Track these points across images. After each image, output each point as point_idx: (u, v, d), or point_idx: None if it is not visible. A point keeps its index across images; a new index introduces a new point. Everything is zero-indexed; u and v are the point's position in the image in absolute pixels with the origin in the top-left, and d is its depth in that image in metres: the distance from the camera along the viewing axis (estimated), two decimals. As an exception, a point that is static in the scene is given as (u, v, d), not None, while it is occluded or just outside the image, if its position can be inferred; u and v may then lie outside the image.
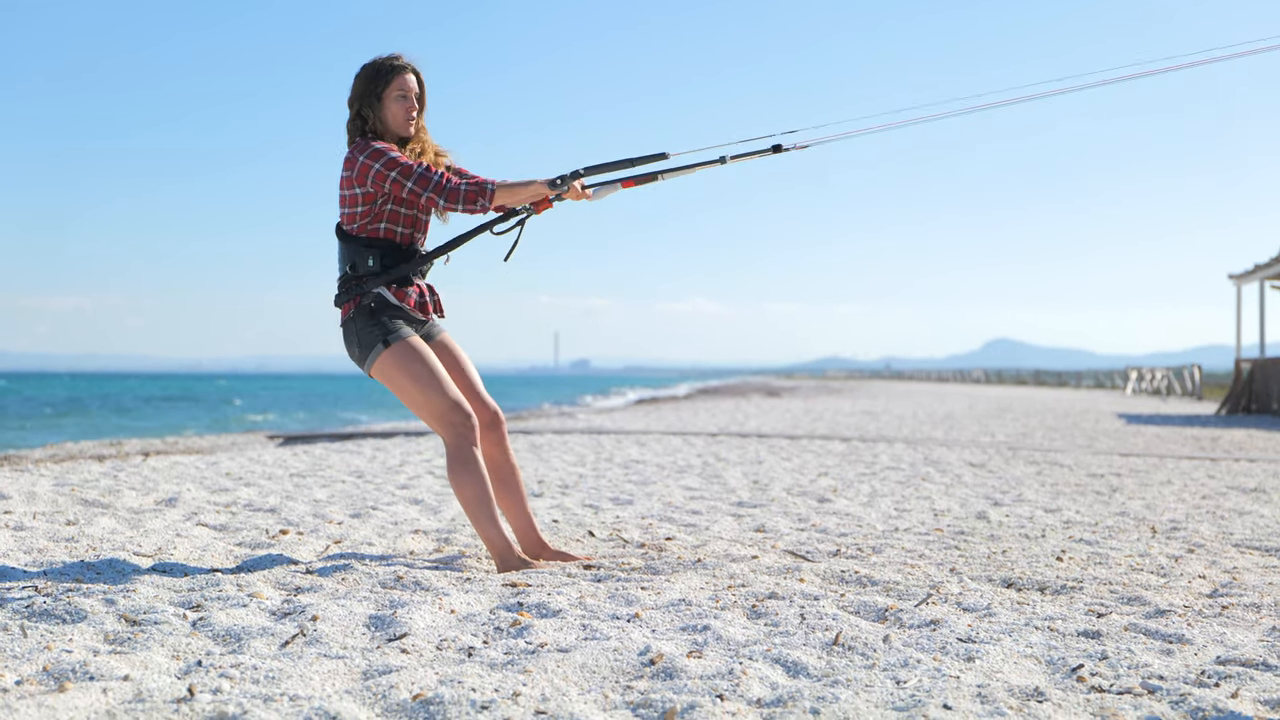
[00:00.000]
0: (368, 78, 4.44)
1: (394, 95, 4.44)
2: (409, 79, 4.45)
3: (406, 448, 11.63)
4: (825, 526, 5.86)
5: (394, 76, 4.43)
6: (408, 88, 4.44)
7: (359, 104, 4.46)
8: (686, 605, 3.72)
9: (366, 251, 4.42)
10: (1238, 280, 26.12)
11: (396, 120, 4.44)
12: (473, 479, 4.44)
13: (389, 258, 4.43)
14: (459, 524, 5.85)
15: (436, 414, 4.44)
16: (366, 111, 4.45)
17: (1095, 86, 4.70)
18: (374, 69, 4.44)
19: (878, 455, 10.86)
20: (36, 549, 4.76)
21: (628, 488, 7.73)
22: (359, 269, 4.43)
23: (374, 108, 4.45)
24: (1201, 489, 7.97)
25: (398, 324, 4.45)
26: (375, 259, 4.41)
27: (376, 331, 4.42)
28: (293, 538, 5.27)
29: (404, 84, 4.44)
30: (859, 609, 3.72)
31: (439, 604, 3.66)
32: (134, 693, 2.65)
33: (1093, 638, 3.37)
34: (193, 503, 6.54)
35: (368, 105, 4.45)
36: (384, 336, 4.42)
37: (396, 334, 4.43)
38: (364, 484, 7.85)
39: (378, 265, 4.41)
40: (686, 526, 5.81)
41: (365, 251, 4.42)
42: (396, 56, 4.46)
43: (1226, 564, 4.76)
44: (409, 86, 4.45)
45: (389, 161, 4.32)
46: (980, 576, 4.38)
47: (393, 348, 4.41)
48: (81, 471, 8.46)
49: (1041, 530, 5.74)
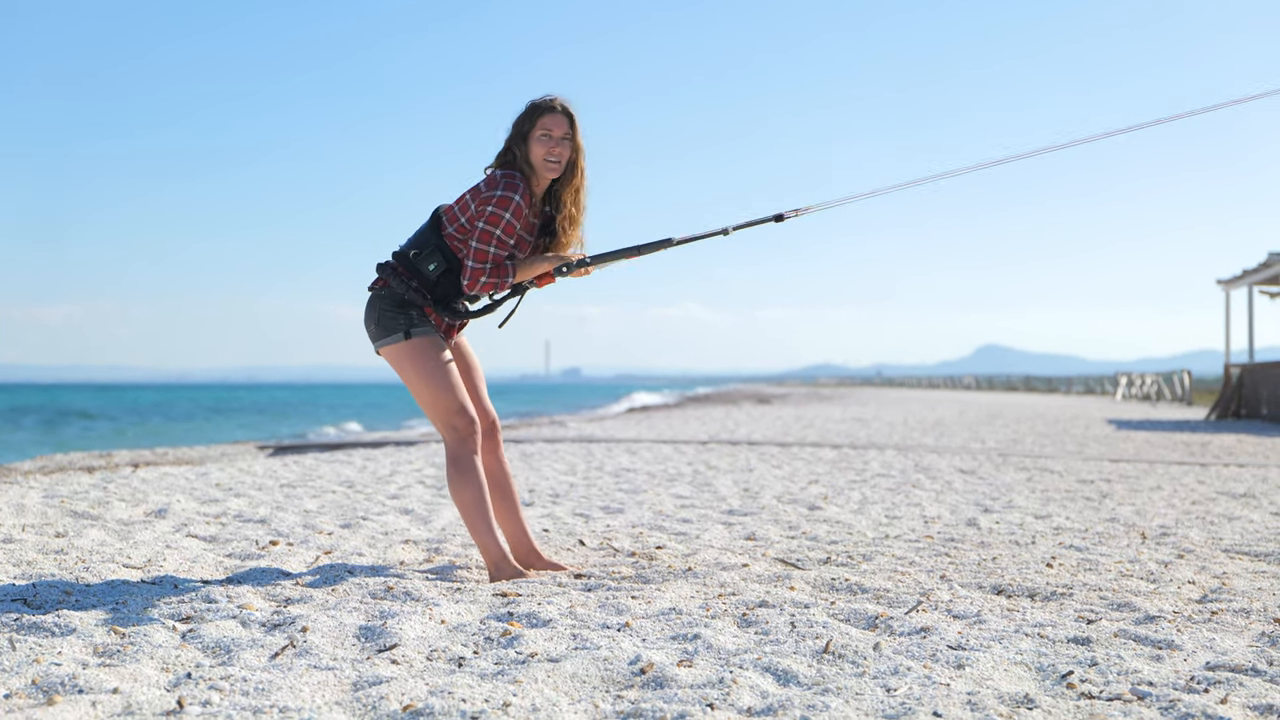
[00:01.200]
0: (521, 115, 4.42)
1: (538, 134, 4.38)
2: (554, 119, 4.38)
3: (397, 457, 11.61)
4: (816, 534, 5.86)
5: (540, 116, 4.39)
6: (552, 128, 4.38)
7: (511, 140, 4.44)
8: (677, 614, 3.72)
9: (438, 255, 4.41)
10: (1226, 285, 26.21)
11: (537, 159, 4.39)
12: (471, 485, 4.45)
13: (451, 273, 4.43)
14: (449, 534, 5.85)
15: (443, 415, 4.46)
16: (516, 149, 4.42)
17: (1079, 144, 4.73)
18: (527, 107, 4.41)
19: (868, 462, 10.87)
20: (25, 561, 4.74)
21: (618, 496, 7.73)
22: (421, 266, 4.42)
23: (520, 146, 4.42)
24: (1191, 494, 7.99)
25: (425, 320, 4.47)
26: (436, 262, 4.40)
27: (401, 320, 4.43)
28: (283, 548, 5.27)
29: (549, 124, 4.38)
30: (849, 617, 3.72)
31: (429, 614, 3.65)
32: (123, 705, 2.65)
33: (1082, 644, 3.37)
34: (182, 514, 6.52)
35: (517, 142, 4.42)
36: (408, 327, 4.42)
37: (420, 329, 4.44)
38: (354, 494, 7.84)
39: (438, 269, 4.40)
40: (677, 535, 5.81)
41: (437, 254, 4.41)
42: (551, 97, 4.42)
43: (1216, 569, 4.77)
44: (553, 127, 4.38)
45: (493, 218, 4.30)
46: (970, 583, 4.38)
47: (414, 340, 4.42)
48: (71, 483, 8.43)
49: (1032, 537, 5.75)
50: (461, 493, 4.46)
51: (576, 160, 4.45)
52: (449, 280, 4.45)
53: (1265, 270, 23.48)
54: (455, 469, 4.47)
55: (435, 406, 4.46)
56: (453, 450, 4.48)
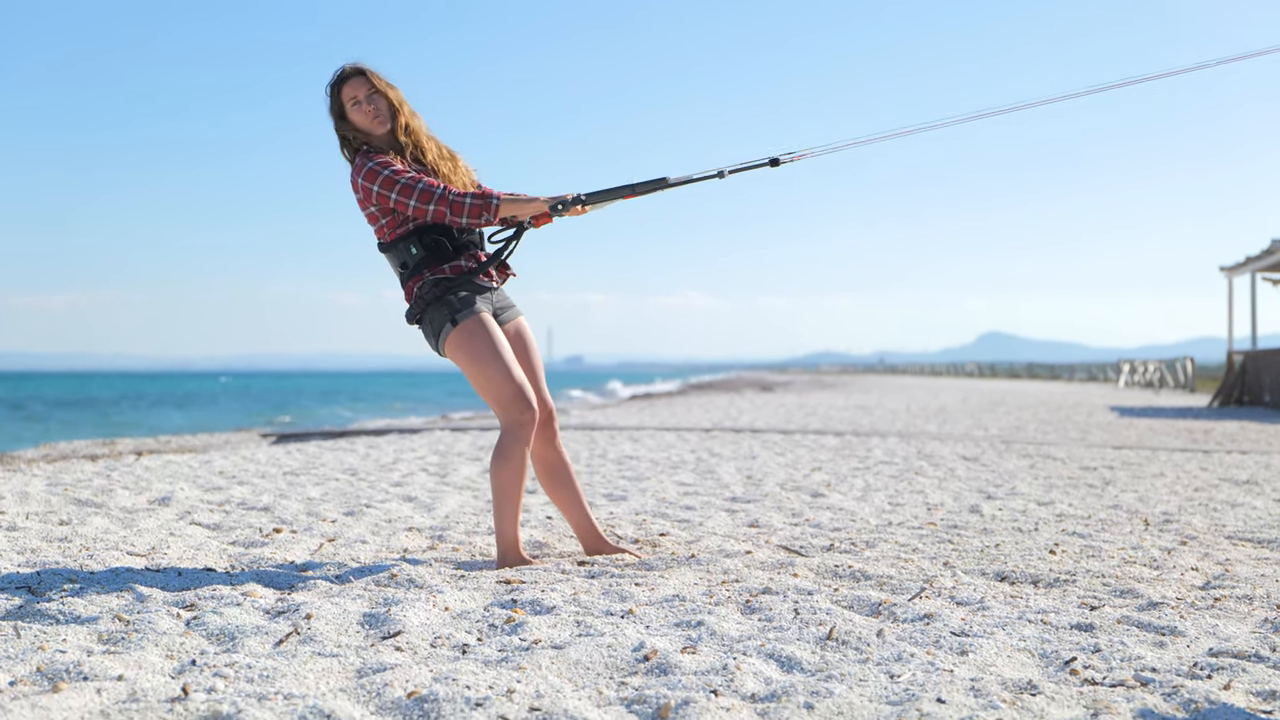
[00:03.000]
0: (329, 102, 4.45)
1: (350, 107, 4.41)
2: (352, 85, 4.40)
3: (400, 445, 11.62)
4: (819, 521, 5.87)
5: (339, 91, 4.41)
6: (355, 93, 4.39)
7: (336, 126, 4.47)
8: (680, 601, 3.73)
9: (407, 245, 4.39)
10: (1229, 272, 26.17)
11: (363, 123, 4.41)
12: (511, 471, 4.39)
13: (429, 236, 4.39)
14: (453, 521, 5.85)
15: (497, 398, 4.39)
16: (343, 133, 4.45)
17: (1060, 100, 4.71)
18: (327, 91, 4.43)
19: (871, 450, 10.87)
20: (30, 549, 4.75)
21: (621, 483, 7.73)
22: (408, 264, 4.41)
23: (344, 127, 4.44)
24: (1194, 481, 7.99)
25: (466, 299, 4.40)
26: (416, 245, 4.38)
27: (444, 311, 4.38)
28: (286, 536, 5.27)
29: (350, 92, 4.40)
30: (853, 603, 3.73)
31: (433, 601, 3.66)
32: (128, 692, 2.65)
33: (1086, 630, 3.38)
34: (186, 502, 6.53)
35: (339, 129, 4.46)
36: (451, 315, 4.37)
37: (464, 310, 4.38)
38: (357, 482, 7.85)
39: (422, 251, 4.39)
40: (680, 522, 5.81)
41: (406, 245, 4.39)
42: (337, 70, 4.44)
43: (1219, 556, 4.77)
44: (356, 92, 4.39)
45: (386, 181, 4.29)
46: (974, 570, 4.38)
47: (460, 325, 4.37)
48: (74, 471, 8.45)
49: (1034, 523, 5.75)
50: (499, 476, 4.41)
51: (390, 103, 4.44)
52: (441, 244, 4.39)
53: (1268, 257, 23.44)
54: (501, 454, 4.40)
55: (490, 388, 4.38)
56: (504, 434, 4.41)
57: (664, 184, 4.50)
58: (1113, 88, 4.62)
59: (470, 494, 7.10)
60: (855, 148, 4.63)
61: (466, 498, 6.89)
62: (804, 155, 4.58)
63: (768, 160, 4.56)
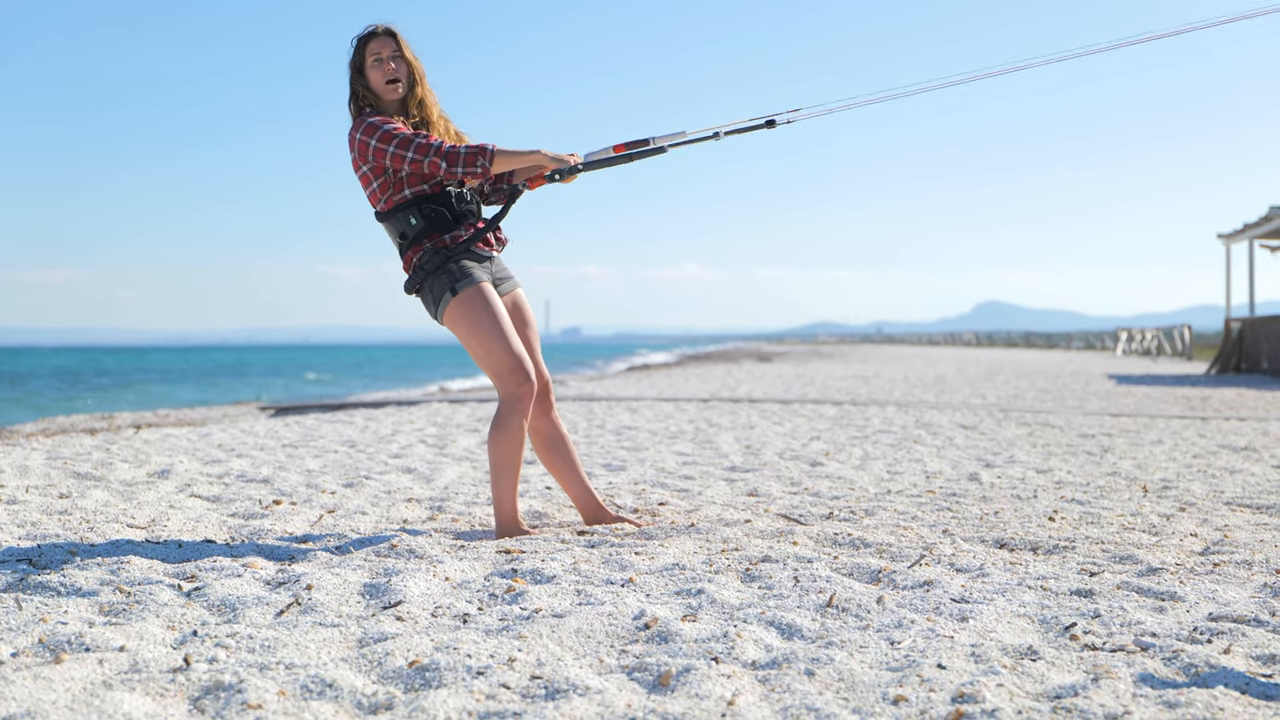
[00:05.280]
0: (352, 52, 4.44)
1: (370, 63, 4.40)
2: (380, 42, 4.39)
3: (398, 417, 11.62)
4: (818, 490, 5.87)
5: (366, 44, 4.40)
6: (380, 51, 4.39)
7: (349, 82, 4.45)
8: (680, 570, 3.73)
9: (406, 215, 4.37)
10: (1227, 240, 26.14)
11: (379, 87, 4.40)
12: (509, 443, 4.39)
13: (428, 206, 4.37)
14: (452, 492, 5.86)
15: (495, 369, 4.39)
16: (356, 87, 4.44)
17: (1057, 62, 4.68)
18: (354, 42, 4.43)
19: (869, 419, 10.88)
20: (30, 522, 4.75)
21: (620, 454, 7.74)
22: (407, 234, 4.39)
23: (360, 82, 4.43)
24: (1192, 448, 8.00)
25: (465, 268, 4.39)
26: (416, 216, 4.37)
27: (444, 280, 4.37)
28: (286, 508, 5.27)
29: (376, 48, 4.39)
30: (852, 571, 3.73)
31: (433, 572, 3.66)
32: (130, 663, 2.66)
33: (1085, 596, 3.38)
34: (185, 474, 6.53)
35: (355, 81, 4.43)
36: (451, 284, 4.36)
37: (464, 280, 4.36)
38: (356, 454, 7.85)
39: (422, 221, 4.37)
40: (679, 492, 5.82)
41: (405, 215, 4.37)
42: (371, 25, 4.43)
43: (1218, 522, 4.78)
44: (381, 49, 4.39)
45: (384, 135, 4.28)
46: (973, 538, 4.39)
47: (460, 295, 4.36)
48: (73, 445, 8.45)
49: (1033, 491, 5.76)
50: (497, 448, 4.41)
51: (413, 72, 4.44)
52: (440, 215, 4.38)
53: (1266, 224, 23.41)
54: (498, 425, 4.41)
55: (489, 359, 4.38)
56: (502, 405, 4.41)
57: (660, 150, 4.49)
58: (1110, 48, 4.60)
59: (469, 465, 7.10)
60: (854, 110, 4.62)
61: (465, 469, 6.89)
62: (800, 114, 4.56)
63: (764, 121, 4.54)
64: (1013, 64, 4.70)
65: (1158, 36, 4.54)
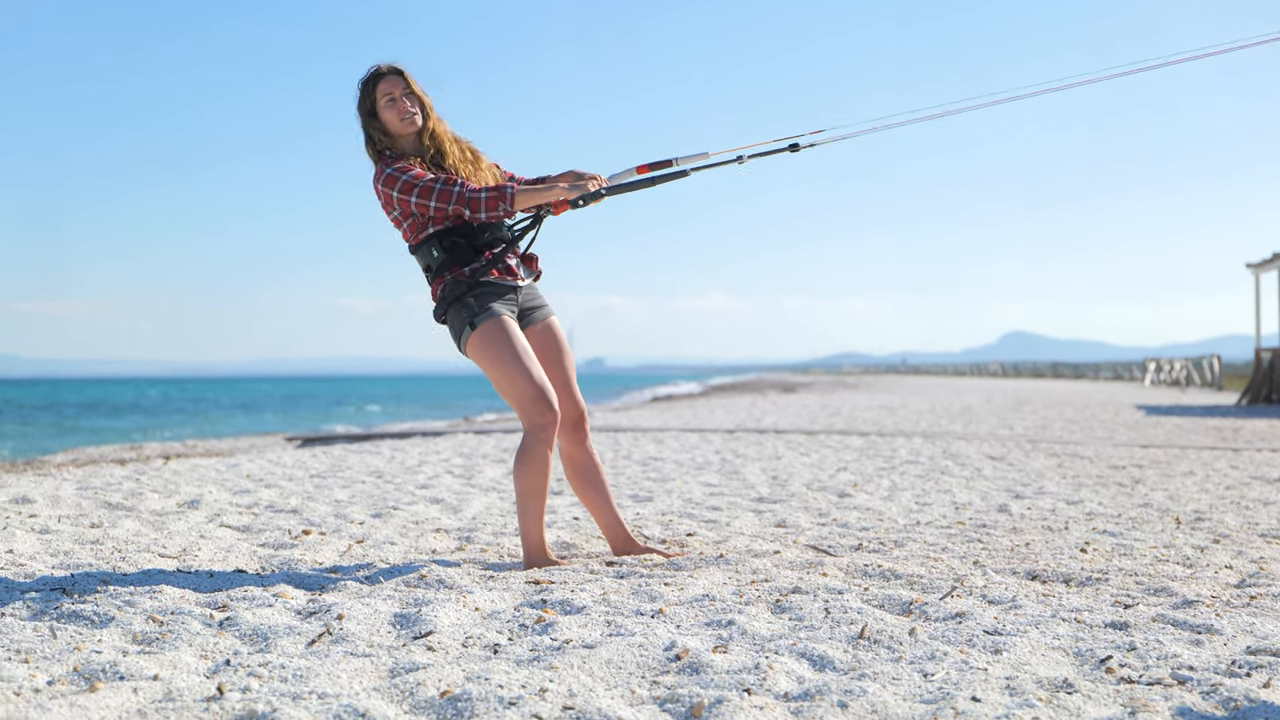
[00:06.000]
0: (358, 100, 4.47)
1: (383, 104, 4.42)
2: (389, 82, 4.42)
3: (424, 448, 11.65)
4: (846, 521, 5.85)
5: (375, 86, 4.43)
6: (391, 90, 4.41)
7: (363, 126, 4.48)
8: (710, 600, 3.72)
9: (429, 247, 4.43)
10: (1256, 269, 25.98)
11: (394, 126, 4.43)
12: (534, 473, 4.39)
13: (448, 239, 4.41)
14: (480, 523, 5.86)
15: (517, 400, 4.39)
16: (370, 131, 4.47)
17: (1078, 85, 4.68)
18: (359, 88, 4.46)
19: (896, 449, 10.83)
20: (63, 551, 4.78)
21: (647, 484, 7.73)
22: (431, 266, 4.45)
23: (373, 125, 4.46)
24: (1224, 479, 7.94)
25: (484, 302, 4.41)
26: (437, 248, 4.41)
27: (464, 314, 4.41)
28: (315, 538, 5.29)
29: (386, 89, 4.42)
30: (883, 602, 3.71)
31: (463, 602, 3.66)
32: (164, 692, 2.66)
33: (1120, 629, 3.35)
34: (215, 504, 6.56)
35: (368, 124, 4.47)
36: (470, 318, 4.39)
37: (483, 314, 4.39)
38: (384, 484, 7.87)
39: (443, 253, 4.41)
40: (707, 522, 5.81)
41: (428, 248, 4.43)
42: (374, 66, 4.47)
43: (1253, 554, 4.73)
44: (392, 89, 4.41)
45: (404, 185, 4.32)
46: (1004, 569, 4.36)
47: (479, 329, 4.39)
48: (104, 475, 8.50)
49: (1064, 522, 5.72)
50: (522, 479, 4.41)
51: (423, 106, 4.47)
52: (460, 246, 4.41)
53: (1296, 254, 23.25)
54: (523, 455, 4.41)
55: (510, 390, 4.39)
56: (526, 435, 4.41)
57: (683, 173, 4.49)
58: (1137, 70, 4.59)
59: (496, 495, 7.11)
60: (878, 137, 4.63)
61: (493, 499, 6.90)
62: (823, 136, 4.55)
63: (787, 144, 4.55)
64: (1034, 87, 4.70)
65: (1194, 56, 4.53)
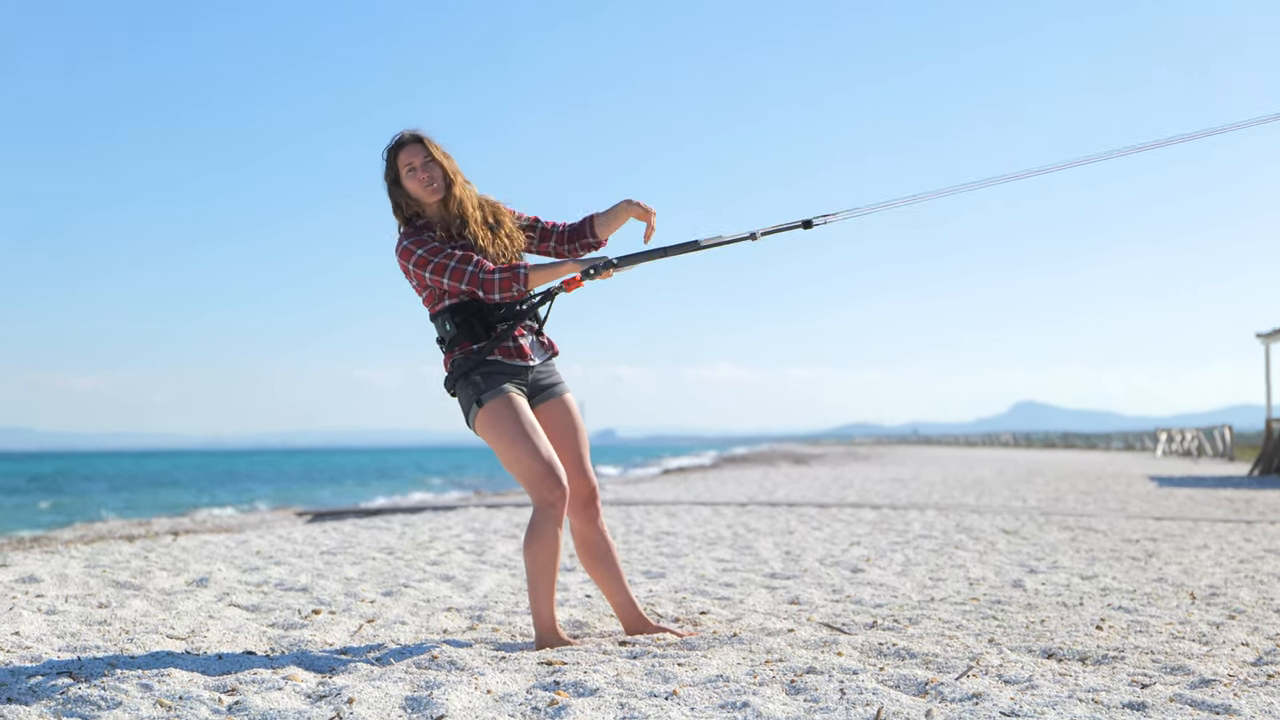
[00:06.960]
0: (385, 167, 4.51)
1: (405, 174, 4.47)
2: (408, 151, 4.46)
3: (435, 523, 11.60)
4: (860, 597, 5.80)
5: (396, 157, 4.48)
6: (412, 160, 4.45)
7: (390, 192, 4.53)
8: (724, 681, 3.68)
9: (442, 320, 4.49)
10: (1266, 339, 25.96)
11: (417, 192, 4.47)
12: (544, 550, 4.38)
13: (460, 314, 4.45)
14: (491, 601, 5.83)
15: (526, 477, 4.40)
16: (396, 199, 4.52)
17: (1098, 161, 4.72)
18: (383, 157, 4.51)
19: (909, 523, 10.77)
20: (69, 633, 4.76)
21: (659, 560, 7.69)
22: (444, 338, 4.50)
23: (399, 194, 4.51)
24: (1239, 552, 7.87)
25: (492, 379, 4.43)
26: (450, 323, 4.46)
27: (471, 391, 4.44)
28: (325, 617, 5.26)
29: (407, 158, 4.46)
30: (899, 683, 3.67)
31: (475, 684, 3.63)
32: (172, 780, 2.64)
33: (1138, 709, 3.31)
34: (224, 583, 6.53)
35: (394, 193, 4.52)
36: (478, 395, 4.42)
37: (490, 392, 4.42)
38: (395, 560, 7.83)
39: (454, 328, 4.45)
40: (720, 600, 5.77)
41: (442, 320, 4.49)
42: (395, 136, 4.51)
43: (1269, 630, 4.68)
44: (412, 159, 4.45)
45: (419, 260, 4.39)
46: (1020, 647, 4.32)
47: (486, 406, 4.41)
48: (112, 552, 8.47)
49: (1079, 598, 5.67)
50: (533, 555, 4.40)
51: (445, 172, 4.48)
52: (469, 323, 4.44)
53: (1305, 323, 23.23)
54: (533, 532, 4.40)
55: (518, 467, 4.40)
56: (536, 514, 4.41)
57: (695, 246, 4.52)
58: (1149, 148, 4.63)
59: (508, 572, 7.07)
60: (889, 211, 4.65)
61: (504, 576, 6.86)
62: (837, 217, 4.59)
63: (801, 222, 4.58)
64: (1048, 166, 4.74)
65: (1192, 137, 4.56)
